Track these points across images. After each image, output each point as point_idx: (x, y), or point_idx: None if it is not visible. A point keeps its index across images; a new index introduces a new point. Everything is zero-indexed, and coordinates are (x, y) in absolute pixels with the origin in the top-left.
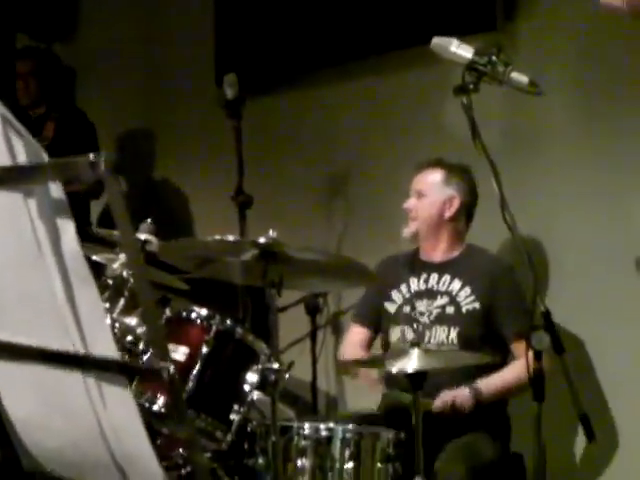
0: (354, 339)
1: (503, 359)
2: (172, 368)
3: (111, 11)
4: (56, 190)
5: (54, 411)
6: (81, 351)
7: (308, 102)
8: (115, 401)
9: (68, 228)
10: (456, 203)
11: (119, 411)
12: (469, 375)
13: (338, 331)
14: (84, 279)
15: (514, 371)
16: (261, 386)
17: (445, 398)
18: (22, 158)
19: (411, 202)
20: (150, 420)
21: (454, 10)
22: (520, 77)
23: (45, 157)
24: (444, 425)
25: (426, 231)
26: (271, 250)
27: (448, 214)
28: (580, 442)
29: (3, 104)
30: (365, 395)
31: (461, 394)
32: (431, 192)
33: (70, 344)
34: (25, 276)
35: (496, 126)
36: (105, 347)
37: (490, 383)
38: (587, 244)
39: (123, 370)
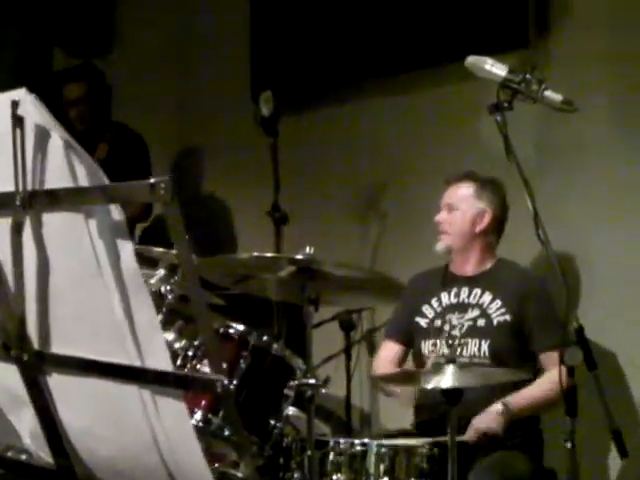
0: (386, 355)
1: (535, 373)
2: (226, 381)
3: (147, 28)
4: (116, 211)
5: (109, 421)
6: (137, 364)
7: (343, 119)
8: (169, 412)
9: (127, 247)
10: (487, 217)
11: (173, 422)
12: (502, 389)
13: (372, 348)
14: (141, 296)
15: (542, 386)
16: (297, 402)
17: (477, 428)
18: (83, 180)
19: (442, 215)
20: None
21: (488, 28)
22: (554, 95)
23: (105, 180)
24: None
25: (458, 245)
26: (309, 267)
27: (479, 228)
28: (612, 458)
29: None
30: (399, 412)
31: (493, 423)
32: (462, 205)
33: (127, 357)
34: (85, 292)
35: (530, 142)
36: (160, 360)
37: (520, 400)
38: (620, 260)
39: (178, 383)
